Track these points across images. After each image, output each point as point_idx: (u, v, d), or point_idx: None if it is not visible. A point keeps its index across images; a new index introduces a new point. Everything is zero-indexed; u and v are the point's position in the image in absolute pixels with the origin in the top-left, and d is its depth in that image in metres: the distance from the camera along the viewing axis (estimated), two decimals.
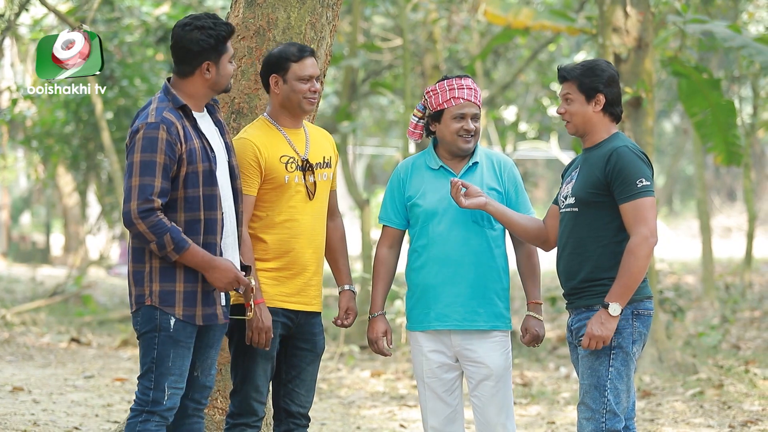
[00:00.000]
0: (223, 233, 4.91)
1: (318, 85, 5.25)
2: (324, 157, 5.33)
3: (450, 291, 5.32)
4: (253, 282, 5.04)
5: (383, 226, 5.51)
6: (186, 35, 4.87)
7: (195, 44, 4.86)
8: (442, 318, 5.34)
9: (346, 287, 5.44)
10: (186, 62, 4.89)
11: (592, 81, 5.06)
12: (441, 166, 5.39)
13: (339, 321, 5.42)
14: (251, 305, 4.98)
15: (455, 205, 5.29)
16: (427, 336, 5.38)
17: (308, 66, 5.21)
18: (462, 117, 5.32)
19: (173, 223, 4.73)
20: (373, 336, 5.46)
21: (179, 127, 4.78)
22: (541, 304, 5.40)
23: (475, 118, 5.34)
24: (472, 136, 5.33)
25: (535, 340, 5.35)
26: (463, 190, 5.20)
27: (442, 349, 5.36)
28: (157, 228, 4.69)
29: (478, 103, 5.36)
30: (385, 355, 5.49)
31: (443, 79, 5.38)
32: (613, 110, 5.11)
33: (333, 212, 5.43)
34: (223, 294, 4.93)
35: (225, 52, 4.91)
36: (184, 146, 4.78)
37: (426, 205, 5.37)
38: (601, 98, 5.07)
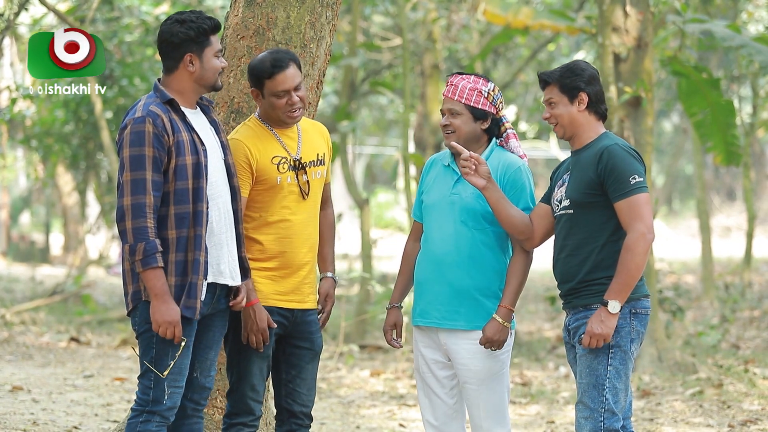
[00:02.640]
0: (209, 229, 4.91)
1: (296, 97, 5.15)
2: (318, 155, 5.31)
3: (433, 288, 5.31)
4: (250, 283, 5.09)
5: (414, 220, 5.51)
6: (167, 29, 4.90)
7: (175, 36, 4.88)
8: (424, 314, 5.35)
9: (328, 274, 5.43)
10: (169, 56, 4.92)
11: (573, 81, 5.07)
12: (449, 164, 5.37)
13: (319, 306, 5.38)
14: (170, 365, 4.87)
15: (448, 203, 5.29)
16: (419, 331, 5.40)
17: (280, 82, 5.13)
18: (443, 113, 5.32)
19: (157, 240, 4.75)
20: (384, 327, 5.50)
21: (165, 120, 4.81)
22: (511, 310, 5.22)
23: (452, 113, 5.28)
24: (451, 132, 5.29)
25: (488, 342, 5.19)
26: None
27: (433, 345, 5.36)
28: (138, 232, 4.72)
29: (458, 98, 5.26)
30: (394, 347, 5.50)
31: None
32: (597, 108, 5.11)
33: (326, 202, 5.42)
34: (204, 289, 4.92)
35: (208, 46, 4.91)
36: (171, 138, 4.80)
37: (427, 201, 5.38)
38: (584, 97, 5.07)
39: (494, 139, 5.38)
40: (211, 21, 4.92)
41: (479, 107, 5.29)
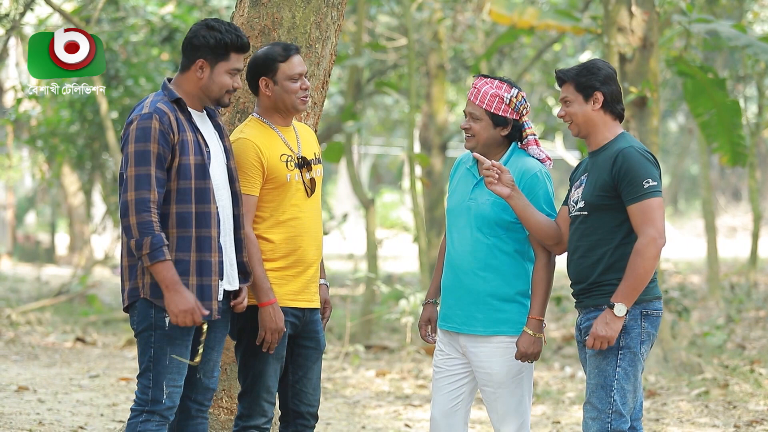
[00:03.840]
0: (220, 230, 4.92)
1: (308, 82, 5.22)
2: (315, 153, 5.35)
3: (453, 294, 5.33)
4: (265, 283, 5.08)
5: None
6: (194, 29, 4.94)
7: (196, 38, 4.91)
8: (446, 318, 5.37)
9: (321, 281, 5.43)
10: (185, 55, 4.96)
11: (588, 80, 5.06)
12: (470, 167, 5.36)
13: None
14: (199, 351, 4.91)
15: (465, 209, 5.27)
16: (442, 333, 5.43)
17: (296, 64, 5.18)
18: (465, 115, 5.32)
19: (162, 233, 4.75)
20: (419, 322, 5.53)
21: (172, 118, 4.82)
22: (540, 320, 5.21)
23: (473, 117, 5.26)
24: (471, 136, 5.29)
25: (524, 357, 5.19)
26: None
27: (454, 345, 5.37)
28: (143, 227, 4.72)
29: (479, 103, 5.24)
30: (428, 342, 5.52)
31: None
32: (613, 108, 5.09)
33: None
34: (221, 289, 4.93)
35: (223, 60, 4.92)
36: (176, 137, 4.81)
37: (450, 204, 5.39)
38: (599, 96, 5.06)
39: (514, 143, 5.33)
40: (239, 39, 4.92)
41: (500, 114, 5.24)
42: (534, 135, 5.35)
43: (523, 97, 5.28)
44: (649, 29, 10.61)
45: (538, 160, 5.32)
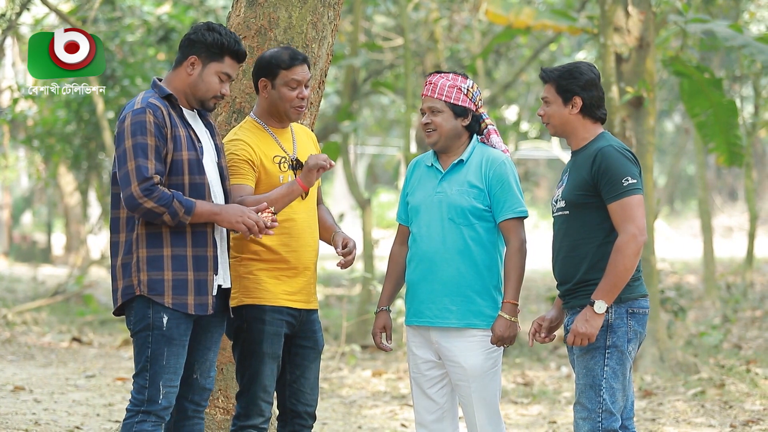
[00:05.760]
0: (215, 225, 4.91)
1: (306, 92, 5.21)
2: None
3: (424, 288, 5.33)
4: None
5: (399, 223, 5.53)
6: (194, 27, 4.95)
7: (193, 34, 4.93)
8: (417, 314, 5.37)
9: (337, 230, 5.40)
10: (181, 50, 4.96)
11: (569, 84, 5.07)
12: (432, 164, 5.40)
13: (345, 250, 5.34)
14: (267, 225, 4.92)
15: (435, 202, 5.32)
16: (412, 331, 5.42)
17: (297, 72, 5.19)
18: (423, 112, 5.34)
19: (172, 189, 4.76)
20: (373, 330, 5.51)
21: (165, 113, 4.82)
22: (515, 304, 5.27)
23: (433, 111, 5.32)
24: (432, 130, 5.33)
25: (500, 341, 5.24)
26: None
27: (425, 345, 5.38)
28: (163, 199, 4.71)
29: (437, 96, 5.31)
30: (384, 350, 5.51)
31: None
32: (593, 113, 5.10)
33: (319, 201, 5.46)
34: (216, 285, 4.93)
35: (216, 61, 4.91)
36: (170, 131, 4.80)
37: (413, 201, 5.41)
38: (578, 101, 5.07)
39: (475, 135, 5.41)
40: (237, 45, 4.93)
41: (459, 104, 5.33)
42: (493, 125, 5.44)
43: (477, 88, 5.38)
44: (646, 29, 10.62)
45: (500, 150, 5.40)
